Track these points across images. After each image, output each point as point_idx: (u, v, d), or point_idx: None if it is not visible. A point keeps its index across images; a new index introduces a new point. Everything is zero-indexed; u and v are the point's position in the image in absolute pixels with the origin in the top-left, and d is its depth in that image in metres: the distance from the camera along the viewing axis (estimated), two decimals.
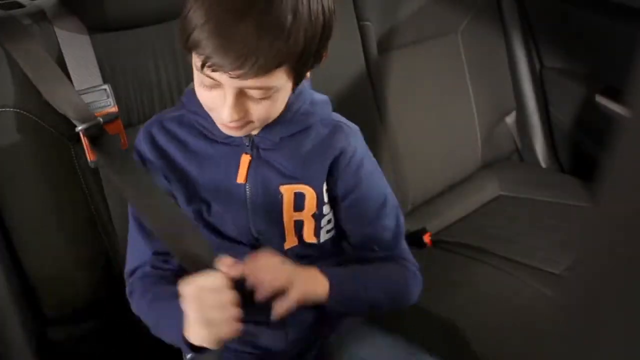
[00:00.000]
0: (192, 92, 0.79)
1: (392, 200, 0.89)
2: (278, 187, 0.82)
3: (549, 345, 0.32)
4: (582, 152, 1.63)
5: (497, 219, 1.43)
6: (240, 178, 0.81)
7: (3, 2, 1.01)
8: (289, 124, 0.81)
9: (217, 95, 0.72)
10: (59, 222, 0.98)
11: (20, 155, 0.94)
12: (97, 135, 0.88)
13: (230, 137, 0.80)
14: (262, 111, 0.74)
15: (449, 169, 1.53)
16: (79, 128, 0.87)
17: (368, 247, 0.88)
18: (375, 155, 1.05)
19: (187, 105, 0.82)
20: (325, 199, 0.85)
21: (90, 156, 0.91)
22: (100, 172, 0.97)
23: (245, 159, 0.81)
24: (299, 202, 0.83)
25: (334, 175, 0.84)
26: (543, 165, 1.73)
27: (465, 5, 1.55)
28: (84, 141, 0.90)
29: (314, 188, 0.83)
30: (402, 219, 0.91)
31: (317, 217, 0.85)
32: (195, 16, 0.67)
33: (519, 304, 1.12)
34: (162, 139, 0.83)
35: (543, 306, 1.08)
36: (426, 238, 1.34)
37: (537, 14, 1.63)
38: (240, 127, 0.75)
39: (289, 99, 0.78)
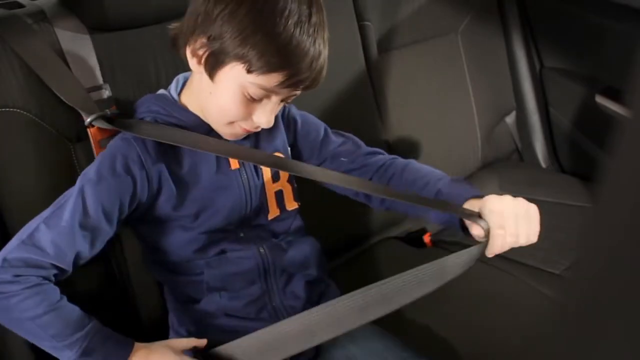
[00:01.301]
0: (155, 99, 0.86)
1: None
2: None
3: (549, 345, 0.32)
4: (582, 152, 1.62)
5: None
6: (234, 164, 0.88)
7: (3, 2, 1.00)
8: None
9: (254, 106, 0.79)
10: None
11: (20, 155, 0.93)
12: (110, 120, 0.87)
13: (212, 132, 0.85)
14: (276, 112, 0.83)
15: (449, 169, 1.40)
16: (88, 120, 0.86)
17: (339, 162, 0.95)
18: None
19: (162, 112, 0.85)
20: (290, 156, 0.94)
21: (97, 153, 0.91)
22: None
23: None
24: (274, 171, 0.90)
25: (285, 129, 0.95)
26: (543, 165, 1.72)
27: (465, 5, 1.54)
28: (91, 138, 0.90)
29: (282, 151, 0.91)
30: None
31: (291, 179, 0.93)
32: (273, 39, 0.73)
33: (519, 304, 1.12)
34: (153, 145, 0.83)
35: (543, 306, 1.08)
36: (426, 238, 1.33)
37: (537, 14, 1.62)
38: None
39: None
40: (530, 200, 1.17)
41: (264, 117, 0.80)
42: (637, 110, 0.27)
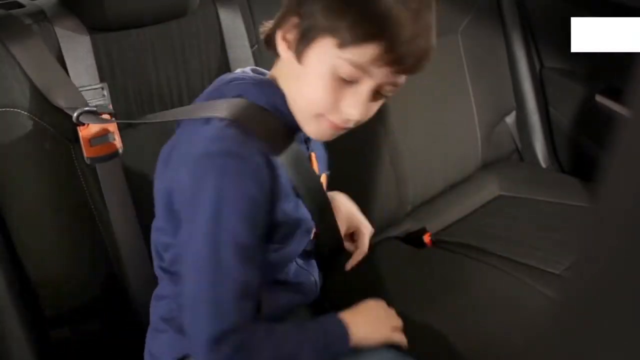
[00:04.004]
0: (267, 87, 0.75)
1: None
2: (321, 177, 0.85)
3: (549, 345, 0.31)
4: (582, 152, 1.62)
5: (497, 219, 1.42)
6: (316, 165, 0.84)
7: (3, 2, 1.00)
8: None
9: (345, 93, 0.68)
10: (59, 222, 0.97)
11: (20, 155, 0.93)
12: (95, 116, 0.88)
13: (299, 132, 0.76)
14: (372, 112, 0.72)
15: (449, 169, 1.51)
16: (75, 114, 0.87)
17: None
18: (375, 155, 1.04)
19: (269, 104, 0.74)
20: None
21: (87, 152, 0.91)
22: (98, 169, 0.94)
23: (313, 157, 0.83)
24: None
25: None
26: (543, 165, 1.72)
27: (465, 5, 1.53)
28: (81, 135, 0.90)
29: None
30: None
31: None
32: (369, 6, 0.64)
33: (519, 304, 1.11)
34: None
35: (543, 306, 1.07)
36: (426, 238, 1.32)
37: (537, 14, 1.61)
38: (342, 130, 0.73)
39: None
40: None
41: (354, 106, 0.68)
42: (637, 109, 0.27)
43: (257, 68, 0.83)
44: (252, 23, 1.13)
